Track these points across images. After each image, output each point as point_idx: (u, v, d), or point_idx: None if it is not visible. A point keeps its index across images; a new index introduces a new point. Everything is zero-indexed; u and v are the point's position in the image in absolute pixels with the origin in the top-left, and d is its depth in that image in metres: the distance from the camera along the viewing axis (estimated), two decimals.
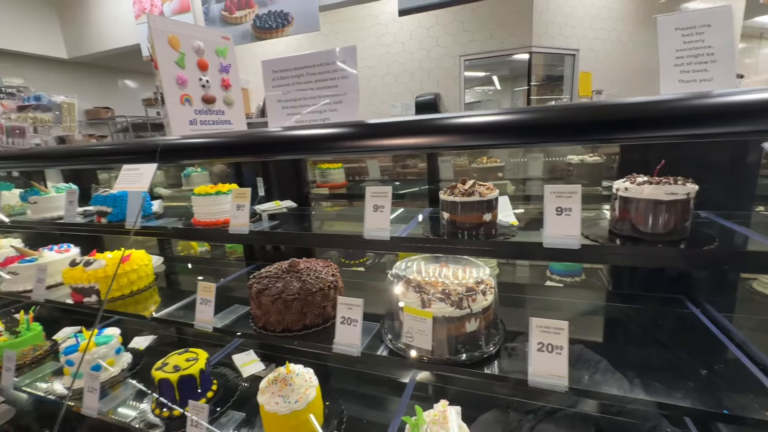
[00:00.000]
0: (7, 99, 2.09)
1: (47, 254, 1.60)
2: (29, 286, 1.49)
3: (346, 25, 5.71)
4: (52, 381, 1.45)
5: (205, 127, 1.52)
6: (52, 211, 1.60)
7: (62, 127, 1.86)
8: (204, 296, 1.10)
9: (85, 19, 5.38)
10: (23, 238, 1.89)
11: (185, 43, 1.44)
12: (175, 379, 1.15)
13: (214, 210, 1.27)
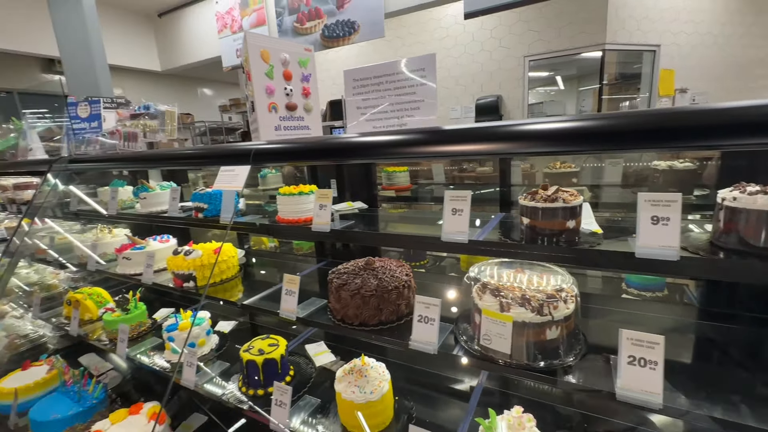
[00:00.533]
0: (122, 108, 2.43)
1: (152, 243, 1.83)
2: (139, 270, 1.73)
3: (407, 30, 5.79)
4: (152, 354, 1.67)
5: (288, 132, 1.65)
6: (157, 206, 1.84)
7: (165, 132, 2.13)
8: (289, 287, 1.20)
9: (176, 36, 6.04)
10: (131, 228, 2.18)
11: (274, 56, 1.58)
12: (261, 361, 1.27)
13: (296, 209, 1.38)
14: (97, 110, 2.44)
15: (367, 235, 1.22)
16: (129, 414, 1.44)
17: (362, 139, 1.16)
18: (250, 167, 1.36)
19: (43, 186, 2.07)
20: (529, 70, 5.08)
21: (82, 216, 2.08)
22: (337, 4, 3.96)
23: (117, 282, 2.30)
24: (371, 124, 1.35)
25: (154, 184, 1.94)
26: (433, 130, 1.01)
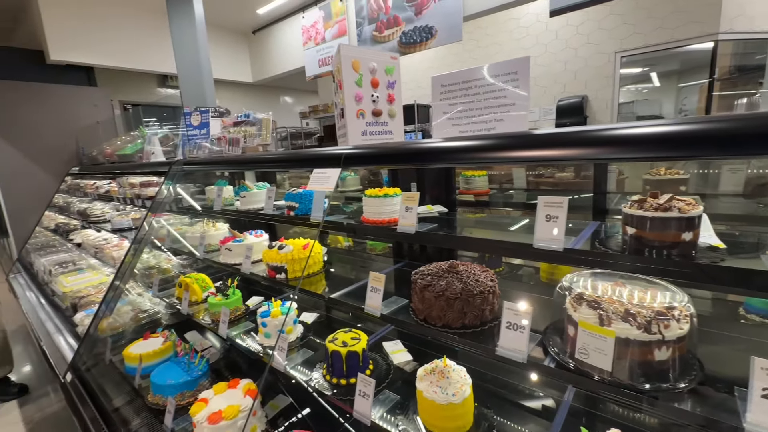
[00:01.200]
0: (224, 117, 2.74)
1: (249, 237, 2.04)
2: (238, 260, 1.94)
3: (484, 32, 5.67)
4: (246, 337, 1.85)
5: (373, 137, 1.72)
6: (255, 203, 2.04)
7: (261, 138, 2.36)
8: (374, 285, 1.26)
9: (266, 50, 6.65)
10: (229, 223, 2.45)
11: (363, 65, 1.66)
12: (345, 353, 1.35)
13: (381, 210, 1.44)
14: (206, 119, 2.79)
15: (453, 239, 1.24)
16: (228, 387, 1.62)
17: (448, 144, 1.18)
18: (341, 170, 1.45)
19: (164, 184, 2.42)
20: (620, 66, 4.65)
21: (192, 211, 2.39)
22: (416, 10, 4.03)
23: (216, 269, 2.60)
24: (458, 129, 1.36)
25: (251, 184, 2.17)
26: (524, 135, 0.99)
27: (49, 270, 3.50)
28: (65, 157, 4.70)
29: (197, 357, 1.90)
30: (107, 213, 3.82)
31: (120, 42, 5.25)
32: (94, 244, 3.49)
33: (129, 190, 3.28)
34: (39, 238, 4.46)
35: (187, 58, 3.72)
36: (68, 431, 2.31)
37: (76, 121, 4.74)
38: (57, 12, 4.63)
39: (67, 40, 4.74)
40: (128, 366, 2.05)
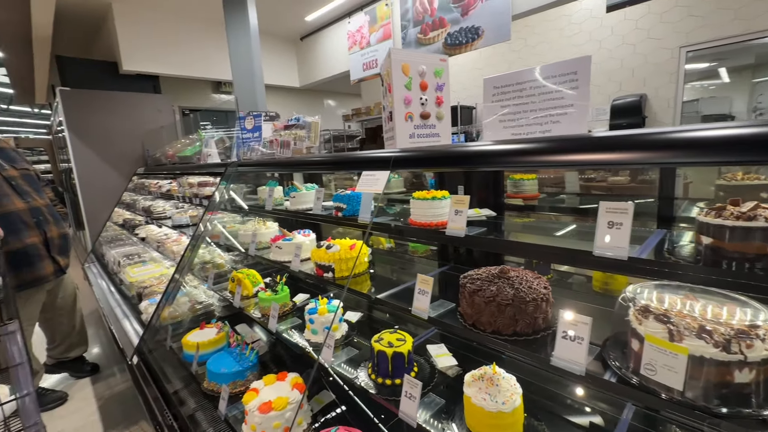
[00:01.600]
0: (275, 121, 2.87)
1: (298, 236, 2.12)
2: (287, 258, 2.02)
3: (531, 30, 5.48)
4: (293, 332, 1.93)
5: (421, 140, 1.72)
6: (304, 204, 2.12)
7: (310, 140, 2.45)
8: (422, 287, 1.26)
9: (313, 55, 6.87)
10: (279, 222, 2.56)
11: (413, 69, 1.67)
12: (390, 353, 1.36)
13: (429, 213, 1.44)
14: (259, 122, 2.93)
15: (505, 244, 1.21)
16: (277, 379, 1.69)
17: (501, 147, 1.16)
18: (390, 172, 1.47)
19: (219, 184, 2.58)
20: (686, 62, 4.30)
21: (245, 210, 2.53)
22: (462, 11, 3.98)
23: (265, 266, 2.72)
24: (510, 131, 1.33)
25: (300, 185, 2.25)
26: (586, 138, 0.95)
27: (118, 261, 3.85)
28: (133, 158, 5.14)
29: (248, 349, 2.00)
30: (168, 210, 4.12)
31: (182, 52, 5.67)
32: (156, 239, 3.79)
33: (188, 189, 3.52)
34: (109, 231, 4.91)
35: (241, 66, 3.94)
36: (134, 409, 2.52)
37: (142, 125, 5.17)
38: (130, 27, 5.10)
39: (137, 52, 5.20)
40: (186, 353, 2.21)
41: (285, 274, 2.17)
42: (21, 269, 2.27)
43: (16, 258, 2.24)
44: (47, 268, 2.41)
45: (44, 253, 2.40)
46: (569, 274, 1.99)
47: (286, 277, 2.17)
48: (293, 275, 2.04)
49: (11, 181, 2.32)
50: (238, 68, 3.99)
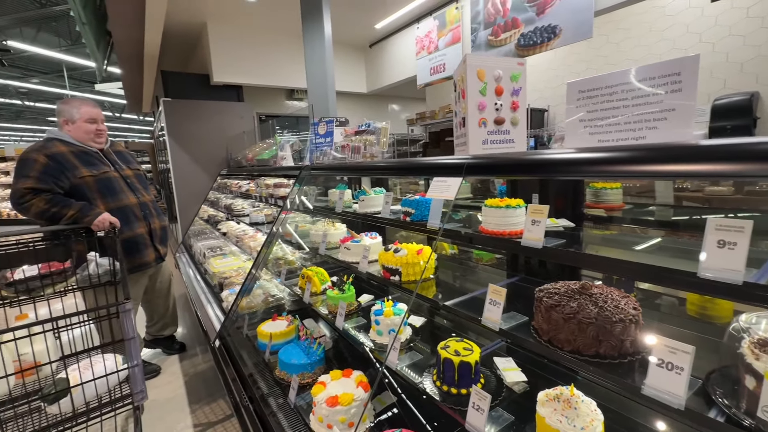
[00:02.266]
0: (345, 126, 3.00)
1: (365, 239, 2.19)
2: (355, 259, 2.09)
3: (616, 25, 5.05)
4: (358, 331, 1.99)
5: (494, 146, 1.68)
6: (372, 207, 2.18)
7: (380, 145, 2.52)
8: (494, 298, 1.23)
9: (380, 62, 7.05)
10: (347, 224, 2.66)
11: (488, 74, 1.64)
12: (457, 362, 1.34)
13: (502, 222, 1.40)
14: (331, 128, 3.08)
15: (588, 259, 1.13)
16: (342, 375, 1.76)
17: (590, 156, 1.09)
18: (462, 179, 1.46)
19: (294, 186, 2.76)
20: None
21: (316, 211, 2.67)
22: (537, 10, 3.80)
23: (332, 265, 2.84)
24: (596, 138, 1.25)
25: (369, 188, 2.32)
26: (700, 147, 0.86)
27: (203, 253, 4.29)
28: (218, 160, 5.69)
29: (315, 343, 2.11)
30: (246, 208, 4.50)
31: (262, 63, 6.17)
32: (236, 234, 4.15)
33: (264, 189, 3.82)
34: (196, 226, 5.50)
35: (316, 74, 4.18)
36: (214, 387, 2.79)
37: (227, 130, 5.70)
38: (220, 43, 5.69)
39: (225, 65, 5.77)
40: (260, 341, 2.39)
41: (351, 275, 2.25)
42: (131, 255, 2.65)
43: (127, 245, 2.62)
44: (150, 255, 2.78)
45: (149, 242, 2.76)
46: (656, 293, 1.79)
47: (352, 277, 2.25)
48: (358, 276, 2.11)
49: (126, 180, 2.71)
50: (313, 77, 4.23)
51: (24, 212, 2.27)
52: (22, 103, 17.25)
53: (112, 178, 2.58)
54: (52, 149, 2.36)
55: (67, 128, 2.49)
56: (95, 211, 2.35)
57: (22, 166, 2.29)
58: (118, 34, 5.02)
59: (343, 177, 3.03)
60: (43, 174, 2.28)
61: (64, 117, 2.48)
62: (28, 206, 2.25)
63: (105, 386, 1.56)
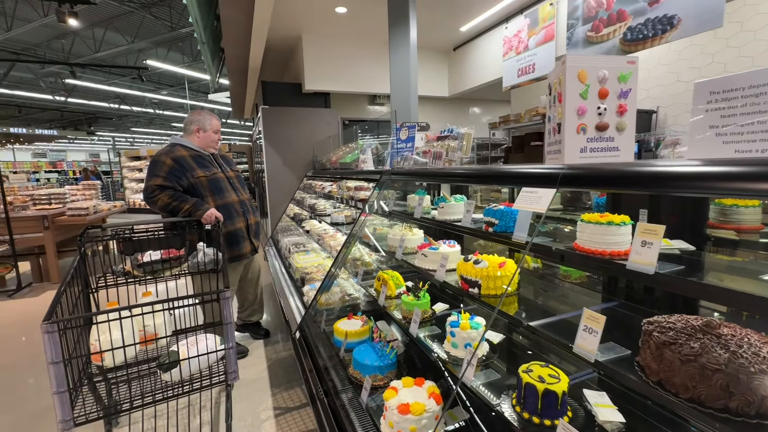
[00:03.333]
0: (426, 131, 2.98)
1: (443, 246, 2.15)
2: (431, 266, 2.06)
3: (754, 9, 4.24)
4: (430, 340, 1.95)
5: (594, 154, 1.53)
6: (451, 215, 2.13)
7: (462, 151, 2.46)
8: (591, 325, 1.11)
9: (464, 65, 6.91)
10: (424, 230, 2.65)
11: (591, 75, 1.49)
12: (542, 389, 1.24)
13: (603, 240, 1.26)
14: (412, 133, 3.09)
15: (718, 291, 0.95)
16: (414, 384, 1.75)
17: (720, 170, 0.92)
18: (556, 190, 1.34)
19: (374, 189, 2.82)
20: None
21: (394, 215, 2.70)
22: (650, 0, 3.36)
23: (405, 270, 2.85)
24: (733, 148, 1.06)
25: (448, 195, 2.27)
26: None
27: (288, 248, 4.63)
28: (305, 163, 6.12)
29: (388, 347, 2.13)
30: (327, 209, 4.74)
31: (348, 71, 6.49)
32: (318, 233, 4.41)
33: (345, 192, 3.98)
34: (283, 222, 5.98)
35: (400, 80, 4.25)
36: (293, 375, 3.00)
37: (314, 135, 6.10)
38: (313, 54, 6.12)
39: (316, 74, 6.19)
40: (336, 338, 2.49)
41: (427, 282, 2.22)
42: (231, 247, 2.99)
43: (229, 238, 2.97)
44: (247, 247, 3.12)
45: (246, 236, 3.11)
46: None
47: (428, 284, 2.22)
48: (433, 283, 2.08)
49: (230, 180, 3.07)
50: (397, 82, 4.31)
51: (152, 205, 2.72)
52: (154, 111, 20.62)
53: (219, 178, 2.98)
54: (176, 153, 2.81)
55: (197, 134, 2.94)
56: (205, 206, 2.73)
57: (154, 167, 2.74)
58: (229, 51, 5.72)
59: (422, 182, 3.02)
60: (169, 174, 2.73)
61: (197, 125, 2.93)
62: (155, 200, 2.69)
63: (206, 362, 1.76)
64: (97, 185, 7.88)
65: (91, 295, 2.16)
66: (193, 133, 2.94)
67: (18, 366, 3.37)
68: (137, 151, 15.26)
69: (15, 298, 5.15)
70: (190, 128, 2.95)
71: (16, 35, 11.66)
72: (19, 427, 2.53)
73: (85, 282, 2.12)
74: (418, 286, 2.25)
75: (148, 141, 32.51)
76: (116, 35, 12.39)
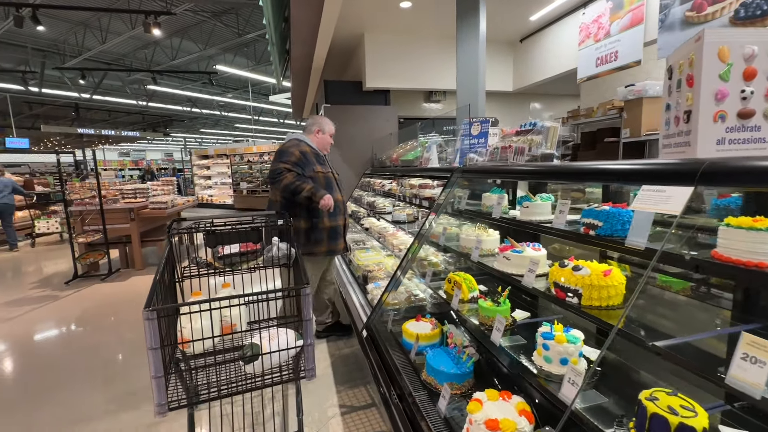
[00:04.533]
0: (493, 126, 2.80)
1: (527, 249, 1.98)
2: (514, 271, 1.91)
3: None
4: (516, 352, 1.80)
5: (734, 147, 1.29)
6: (538, 215, 1.96)
7: (548, 146, 2.26)
8: (755, 354, 0.91)
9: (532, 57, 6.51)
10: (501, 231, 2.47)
11: (735, 52, 1.26)
12: (675, 423, 1.05)
13: (754, 248, 1.04)
14: (485, 128, 2.92)
15: None
16: (500, 397, 1.61)
17: None
18: (694, 188, 1.14)
19: (445, 188, 2.70)
20: None
21: (466, 214, 2.56)
22: None
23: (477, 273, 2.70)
24: None
25: (533, 195, 2.09)
26: None
27: (349, 245, 4.66)
28: (364, 160, 6.14)
29: (464, 354, 2.01)
30: (387, 207, 4.70)
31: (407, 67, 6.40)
32: (377, 230, 4.37)
33: (408, 190, 3.90)
34: None
35: (467, 74, 4.08)
36: (357, 373, 2.98)
37: (373, 133, 6.09)
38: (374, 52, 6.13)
39: (377, 72, 6.18)
40: (405, 340, 2.41)
41: (508, 287, 2.06)
42: (332, 240, 3.23)
43: (332, 233, 3.20)
44: (341, 244, 3.35)
45: (342, 233, 3.34)
46: None
47: (508, 290, 2.06)
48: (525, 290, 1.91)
49: (337, 181, 3.33)
50: (464, 77, 4.14)
51: (276, 184, 2.93)
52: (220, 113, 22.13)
53: (330, 177, 3.24)
54: (303, 148, 3.08)
55: (317, 135, 3.24)
56: (323, 191, 2.96)
57: (282, 155, 3.00)
58: (296, 50, 5.89)
59: (495, 180, 2.84)
60: (295, 163, 2.99)
61: (317, 127, 3.24)
62: (281, 179, 2.89)
63: (285, 357, 1.76)
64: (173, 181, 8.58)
65: (177, 284, 2.27)
66: (314, 133, 3.23)
67: (110, 345, 3.72)
68: (206, 151, 16.47)
69: (106, 282, 5.74)
70: (311, 128, 3.24)
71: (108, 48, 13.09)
72: (110, 406, 2.76)
73: (172, 271, 2.23)
74: (496, 290, 2.09)
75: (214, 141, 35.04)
76: (190, 43, 13.43)
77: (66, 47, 13.52)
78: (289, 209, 2.85)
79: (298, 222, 3.00)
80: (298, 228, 3.02)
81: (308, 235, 3.09)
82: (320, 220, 3.10)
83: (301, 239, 3.08)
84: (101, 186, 5.81)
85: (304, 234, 3.07)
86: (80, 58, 13.52)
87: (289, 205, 2.99)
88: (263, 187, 13.91)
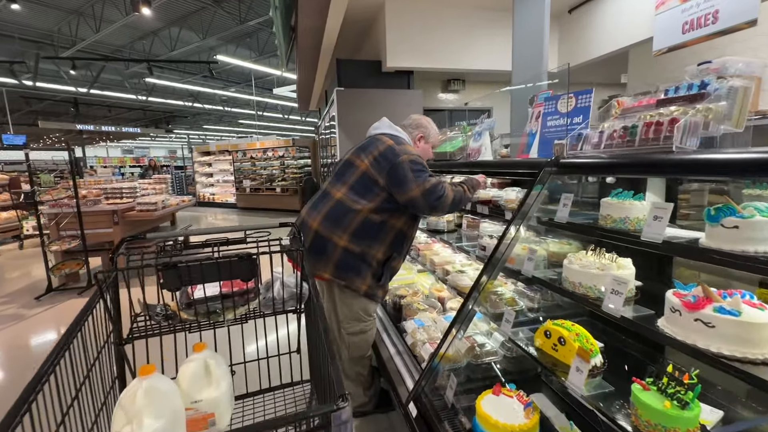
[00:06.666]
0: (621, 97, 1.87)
1: (746, 309, 1.06)
2: (719, 348, 1.00)
3: None
4: None
5: None
6: (756, 243, 1.05)
7: (732, 121, 1.35)
8: None
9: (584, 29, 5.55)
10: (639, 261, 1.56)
11: None
12: None
13: None
14: (586, 102, 2.01)
15: None
16: None
17: None
18: None
19: (532, 190, 1.79)
20: None
21: (576, 229, 1.66)
22: None
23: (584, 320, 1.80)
24: None
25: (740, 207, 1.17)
26: None
27: None
28: None
29: None
30: None
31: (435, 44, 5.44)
32: None
33: None
34: None
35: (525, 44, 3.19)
36: None
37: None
38: (397, 25, 5.19)
39: (399, 49, 5.26)
40: (480, 426, 1.52)
41: (695, 370, 1.15)
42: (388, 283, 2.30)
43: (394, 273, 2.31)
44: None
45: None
46: None
47: (696, 374, 1.15)
48: None
49: None
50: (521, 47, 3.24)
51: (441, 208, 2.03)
52: (223, 108, 21.34)
53: None
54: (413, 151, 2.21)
55: (420, 144, 2.41)
56: (471, 179, 2.27)
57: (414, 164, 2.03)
58: (304, 22, 4.98)
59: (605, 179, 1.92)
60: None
61: (421, 133, 2.42)
62: (445, 196, 2.01)
63: None
64: (168, 179, 7.77)
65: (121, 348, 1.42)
66: (415, 140, 2.40)
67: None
68: (207, 147, 15.68)
69: (84, 296, 4.91)
70: (413, 133, 2.39)
71: (104, 38, 12.30)
72: None
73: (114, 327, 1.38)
74: (673, 375, 1.17)
75: (218, 137, 34.36)
76: (190, 33, 12.61)
77: (60, 38, 12.76)
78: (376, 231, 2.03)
79: (375, 250, 2.03)
80: (368, 259, 2.02)
81: (381, 270, 2.10)
82: (399, 254, 2.18)
83: (367, 276, 2.05)
84: (77, 186, 4.98)
85: (374, 268, 2.07)
86: (74, 48, 12.76)
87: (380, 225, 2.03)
88: (267, 185, 13.09)
